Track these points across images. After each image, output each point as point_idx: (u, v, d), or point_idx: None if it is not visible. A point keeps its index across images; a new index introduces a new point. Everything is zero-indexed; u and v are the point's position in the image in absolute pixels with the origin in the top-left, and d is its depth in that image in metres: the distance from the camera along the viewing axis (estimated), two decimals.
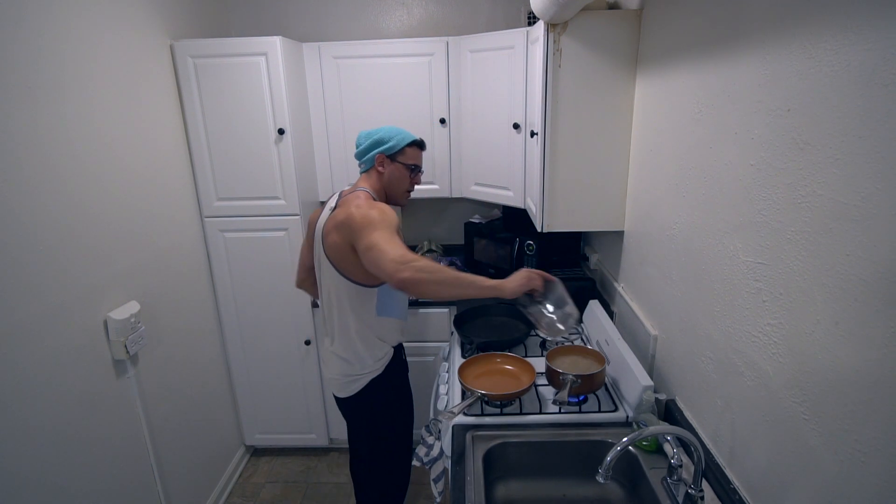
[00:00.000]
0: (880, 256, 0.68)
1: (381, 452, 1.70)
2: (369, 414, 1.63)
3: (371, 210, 1.38)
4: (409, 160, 1.55)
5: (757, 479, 1.00)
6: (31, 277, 1.32)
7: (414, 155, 1.57)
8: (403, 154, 1.54)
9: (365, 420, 1.65)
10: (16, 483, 1.26)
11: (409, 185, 1.59)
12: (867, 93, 0.69)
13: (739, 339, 1.04)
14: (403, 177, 1.56)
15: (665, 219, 1.40)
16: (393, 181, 1.56)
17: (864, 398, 0.72)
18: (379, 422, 1.64)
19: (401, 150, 1.54)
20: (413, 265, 1.24)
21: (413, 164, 1.56)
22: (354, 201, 1.44)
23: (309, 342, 2.32)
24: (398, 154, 1.54)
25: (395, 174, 1.55)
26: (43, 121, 1.37)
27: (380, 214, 1.38)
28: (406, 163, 1.55)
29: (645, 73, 1.54)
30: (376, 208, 1.39)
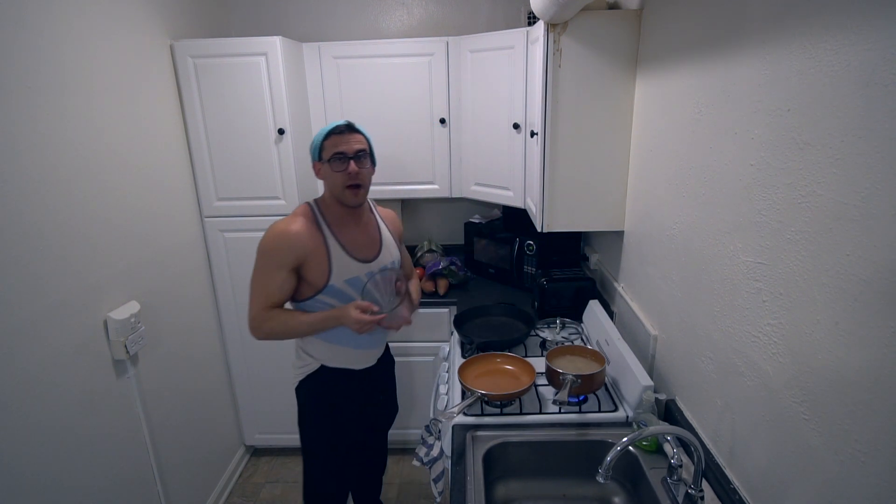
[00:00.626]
0: (880, 256, 0.68)
1: (305, 453, 1.68)
2: (298, 410, 1.64)
3: (269, 234, 1.41)
4: (327, 153, 1.42)
5: (757, 479, 1.00)
6: (32, 277, 1.32)
7: (332, 144, 1.41)
8: (324, 150, 1.43)
9: (298, 413, 1.65)
10: (16, 482, 1.26)
11: (343, 180, 1.41)
12: (867, 93, 0.69)
13: (739, 339, 1.04)
14: (330, 173, 1.42)
15: (665, 219, 1.40)
16: (328, 184, 1.46)
17: (864, 398, 0.72)
18: (303, 423, 1.64)
19: (320, 147, 1.43)
20: (263, 329, 1.45)
21: (333, 154, 1.40)
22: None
23: None
24: (321, 152, 1.44)
25: (326, 175, 1.44)
26: (43, 121, 1.37)
27: (266, 245, 1.40)
28: (326, 158, 1.43)
29: (645, 73, 1.54)
30: (271, 234, 1.40)
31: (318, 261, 1.43)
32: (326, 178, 1.44)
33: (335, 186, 1.43)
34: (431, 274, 2.38)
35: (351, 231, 1.49)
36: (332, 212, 1.48)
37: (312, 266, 1.43)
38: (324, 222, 1.47)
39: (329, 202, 1.48)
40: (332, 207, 1.48)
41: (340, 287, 1.46)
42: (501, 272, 2.41)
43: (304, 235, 1.41)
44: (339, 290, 1.46)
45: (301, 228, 1.42)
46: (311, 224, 1.44)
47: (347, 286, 1.47)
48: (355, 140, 1.43)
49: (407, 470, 2.44)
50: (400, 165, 2.33)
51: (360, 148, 1.43)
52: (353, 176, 1.41)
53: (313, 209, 1.48)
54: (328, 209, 1.48)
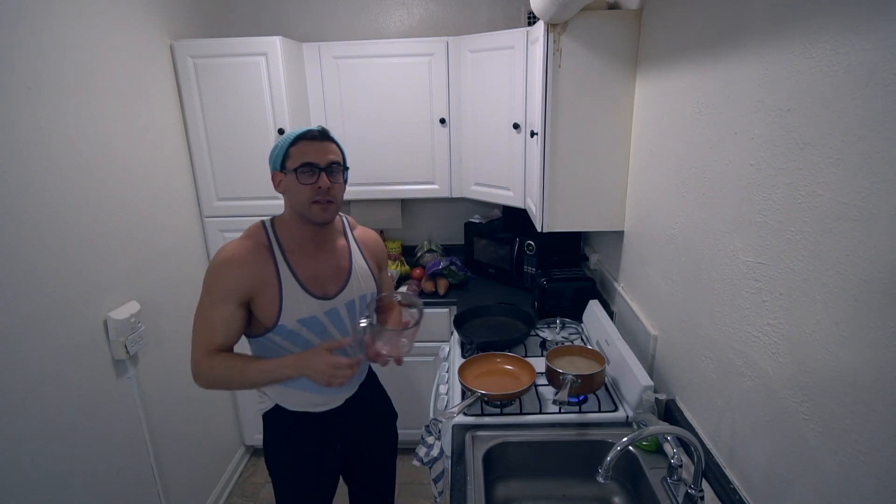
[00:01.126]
0: (880, 256, 0.68)
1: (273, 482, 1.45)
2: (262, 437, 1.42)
3: (214, 260, 1.20)
4: (294, 162, 1.16)
5: (757, 479, 1.00)
6: (31, 277, 1.32)
7: (300, 152, 1.16)
8: (289, 158, 1.17)
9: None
10: (16, 482, 1.26)
11: (310, 195, 1.16)
12: (867, 93, 0.69)
13: (739, 339, 1.04)
14: (296, 186, 1.17)
15: (665, 219, 1.40)
16: (291, 198, 1.21)
17: (864, 398, 0.72)
18: (266, 455, 1.41)
19: (284, 153, 1.17)
20: (206, 377, 1.20)
21: (301, 164, 1.15)
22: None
23: None
24: (285, 160, 1.17)
25: (290, 188, 1.19)
26: (43, 120, 1.37)
27: (209, 274, 1.19)
28: (292, 167, 1.16)
29: (645, 73, 1.54)
30: (215, 262, 1.19)
31: (268, 295, 1.19)
32: (289, 191, 1.19)
33: (300, 202, 1.18)
34: (431, 274, 2.38)
35: (311, 259, 1.25)
36: (291, 234, 1.24)
37: (261, 301, 1.19)
38: (277, 248, 1.22)
39: (289, 222, 1.24)
40: (292, 229, 1.24)
41: (292, 328, 1.22)
42: (501, 272, 2.41)
43: (252, 263, 1.18)
44: (292, 330, 1.23)
45: (247, 255, 1.19)
46: (262, 249, 1.21)
47: (301, 327, 1.23)
48: (329, 150, 1.19)
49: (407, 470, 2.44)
50: (400, 165, 2.33)
51: (334, 159, 1.19)
52: (325, 191, 1.17)
53: (266, 231, 1.24)
54: (285, 231, 1.24)
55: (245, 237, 1.24)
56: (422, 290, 2.37)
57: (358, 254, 1.36)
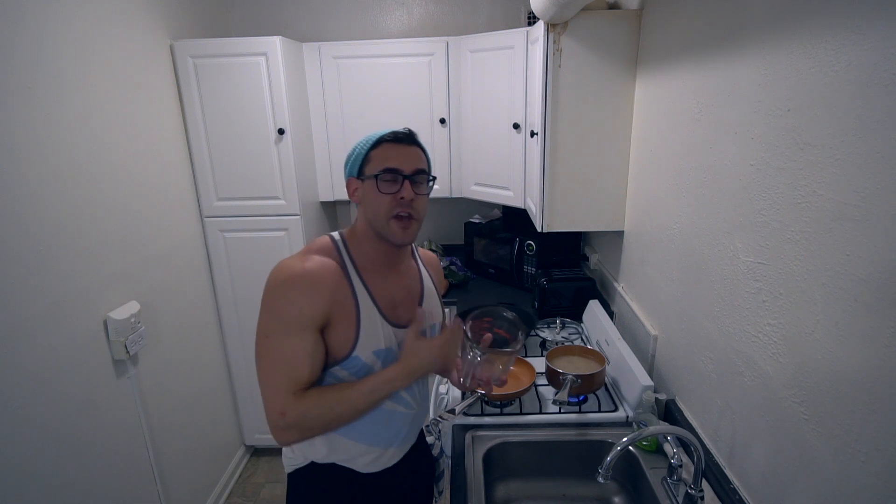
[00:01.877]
0: (880, 256, 0.67)
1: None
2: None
3: (282, 276, 0.94)
4: (375, 166, 0.99)
5: (757, 479, 1.00)
6: (31, 277, 1.32)
7: (382, 155, 0.99)
8: (369, 161, 1.00)
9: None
10: (16, 482, 1.26)
11: (390, 206, 0.98)
12: (867, 93, 0.69)
13: (739, 339, 1.04)
14: (374, 195, 0.98)
15: (665, 219, 1.40)
16: (368, 209, 1.01)
17: (864, 398, 0.72)
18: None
19: (364, 156, 1.01)
20: (300, 426, 0.93)
21: (383, 169, 0.98)
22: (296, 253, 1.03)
23: None
24: (364, 164, 1.01)
25: (367, 197, 1.00)
26: (43, 120, 1.37)
27: (280, 295, 0.93)
28: (371, 173, 0.99)
29: (645, 73, 1.54)
30: (286, 277, 0.94)
31: (344, 321, 0.98)
32: (366, 200, 1.00)
33: (378, 214, 0.99)
34: None
35: (386, 281, 1.06)
36: (364, 252, 1.04)
37: (336, 327, 0.98)
38: (352, 266, 1.02)
39: (362, 237, 1.04)
40: (365, 245, 1.04)
41: (367, 360, 1.01)
42: (501, 272, 2.41)
43: (327, 281, 0.96)
44: (365, 364, 1.01)
45: (325, 270, 0.97)
46: (337, 267, 0.99)
47: (376, 360, 1.02)
48: (416, 156, 1.01)
49: None
50: None
51: (420, 167, 1.00)
52: (407, 203, 0.98)
53: (338, 246, 1.04)
54: (359, 247, 1.04)
55: (311, 251, 1.01)
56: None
57: (427, 277, 1.17)
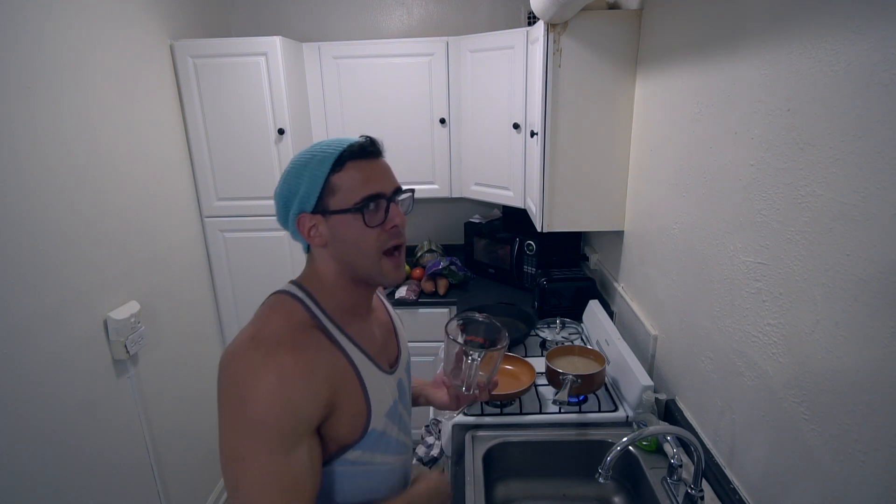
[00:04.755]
0: (880, 256, 0.68)
1: None
2: None
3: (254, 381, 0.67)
4: (349, 196, 0.75)
5: (757, 479, 1.00)
6: (31, 277, 1.32)
7: (354, 179, 0.75)
8: (336, 190, 0.75)
9: None
10: (16, 483, 1.26)
11: (379, 239, 0.77)
12: (867, 93, 0.69)
13: (739, 339, 1.04)
14: (356, 231, 0.76)
15: (665, 219, 1.40)
16: (348, 250, 0.78)
17: (864, 398, 0.72)
18: None
19: (325, 182, 0.74)
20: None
21: (364, 199, 0.75)
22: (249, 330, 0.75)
23: None
24: (329, 195, 0.75)
25: (341, 234, 0.76)
26: (42, 120, 1.37)
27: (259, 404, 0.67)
28: (346, 206, 0.75)
29: (645, 73, 1.54)
30: (263, 382, 0.67)
31: (349, 396, 0.77)
32: (342, 240, 0.77)
33: (365, 254, 0.78)
34: (431, 274, 2.38)
35: (366, 326, 0.86)
36: (339, 302, 0.81)
37: (341, 409, 0.76)
38: (331, 324, 0.79)
39: (333, 286, 0.81)
40: (340, 295, 0.81)
41: (383, 428, 0.82)
42: (501, 272, 2.41)
43: (320, 357, 0.74)
44: (382, 433, 0.82)
45: (309, 346, 0.73)
46: (316, 333, 0.76)
47: (389, 422, 0.84)
48: (389, 171, 0.81)
49: None
50: (400, 165, 2.31)
51: (398, 182, 0.81)
52: (398, 232, 0.79)
53: (305, 304, 0.78)
54: (331, 298, 0.81)
55: (270, 324, 0.74)
56: (422, 290, 2.37)
57: (385, 301, 1.01)
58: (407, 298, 2.27)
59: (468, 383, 0.97)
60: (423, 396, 1.08)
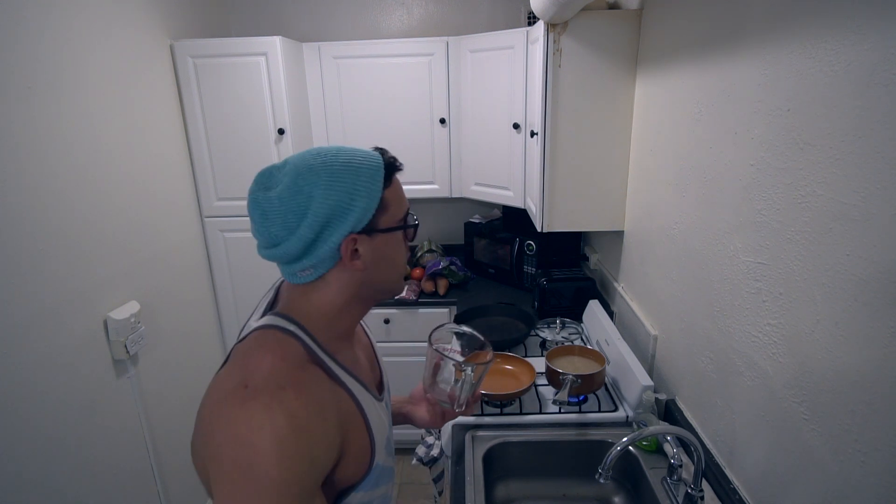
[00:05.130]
0: (880, 256, 0.68)
1: None
2: None
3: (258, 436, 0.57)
4: (395, 213, 0.73)
5: (757, 479, 1.00)
6: (31, 277, 1.32)
7: (398, 195, 0.75)
8: (388, 206, 0.72)
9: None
10: (16, 483, 1.26)
11: (406, 255, 0.78)
12: (867, 93, 0.69)
13: (739, 339, 1.04)
14: (398, 248, 0.75)
15: (665, 219, 1.40)
16: (384, 269, 0.74)
17: (864, 398, 0.72)
18: None
19: (381, 200, 0.70)
20: None
21: (406, 214, 0.76)
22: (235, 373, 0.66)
23: None
24: (384, 211, 0.71)
25: (383, 253, 0.72)
26: (42, 120, 1.37)
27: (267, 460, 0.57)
28: (395, 223, 0.73)
29: (645, 73, 1.54)
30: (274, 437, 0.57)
31: (356, 432, 0.71)
32: (385, 259, 0.73)
33: (398, 272, 0.76)
34: (431, 274, 2.38)
35: (352, 351, 0.80)
36: (336, 329, 0.74)
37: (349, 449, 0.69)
38: (326, 356, 0.71)
39: (343, 310, 0.74)
40: (345, 318, 0.75)
41: (384, 462, 0.77)
42: (501, 272, 2.41)
43: (325, 397, 0.66)
44: (384, 468, 0.78)
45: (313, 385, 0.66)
46: (315, 369, 0.68)
47: (387, 455, 0.80)
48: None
49: (407, 470, 2.44)
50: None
51: None
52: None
53: (300, 338, 0.69)
54: (329, 326, 0.73)
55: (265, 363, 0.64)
56: (422, 290, 2.37)
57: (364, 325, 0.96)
58: (407, 298, 2.27)
59: (461, 400, 0.89)
60: (401, 415, 0.99)
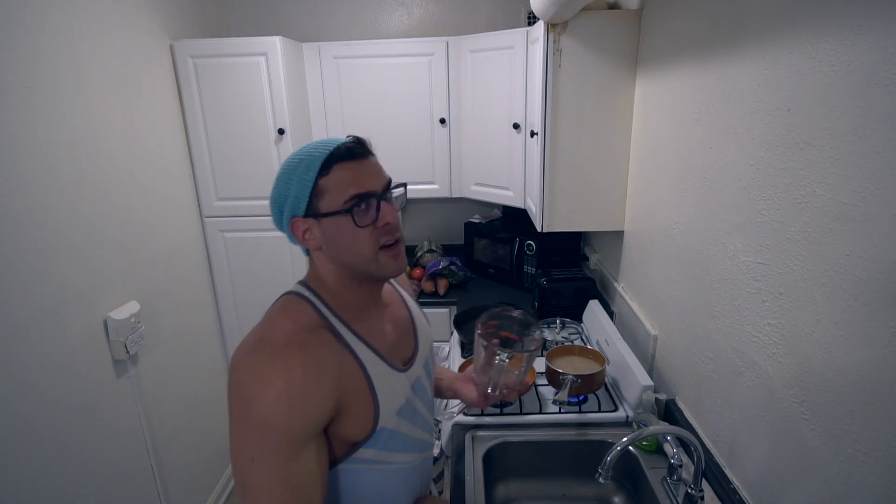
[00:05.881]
0: (880, 256, 0.67)
1: None
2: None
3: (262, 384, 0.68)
4: (336, 198, 0.75)
5: (757, 479, 1.00)
6: (31, 277, 1.32)
7: (342, 180, 0.76)
8: (324, 193, 0.76)
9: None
10: (16, 483, 1.26)
11: (371, 237, 0.77)
12: (867, 93, 0.69)
13: (739, 339, 1.04)
14: (347, 232, 0.77)
15: (665, 219, 1.40)
16: (341, 250, 0.79)
17: (864, 398, 0.72)
18: None
19: (313, 187, 0.75)
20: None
21: (352, 197, 0.75)
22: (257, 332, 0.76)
23: None
24: (317, 198, 0.76)
25: (334, 236, 0.77)
26: (42, 120, 1.37)
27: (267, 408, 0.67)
28: (334, 207, 0.76)
29: (645, 73, 1.54)
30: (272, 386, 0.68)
31: (357, 396, 0.78)
32: (336, 241, 0.78)
33: (359, 254, 0.78)
34: (431, 274, 2.38)
35: (377, 323, 0.86)
36: (346, 301, 0.82)
37: (349, 409, 0.77)
38: (339, 322, 0.80)
39: (336, 287, 0.82)
40: (345, 294, 0.82)
41: (393, 427, 0.83)
42: (501, 272, 2.41)
43: (328, 358, 0.75)
44: (393, 431, 0.83)
45: (315, 347, 0.74)
46: (324, 333, 0.77)
47: (401, 421, 0.84)
48: (377, 167, 0.81)
49: None
50: (400, 165, 2.33)
51: (387, 179, 0.81)
52: (393, 228, 0.80)
53: (313, 303, 0.80)
54: (337, 298, 0.82)
55: (279, 326, 0.75)
56: (422, 290, 2.37)
57: (406, 296, 1.00)
58: None
59: (495, 383, 0.98)
60: (451, 390, 1.10)
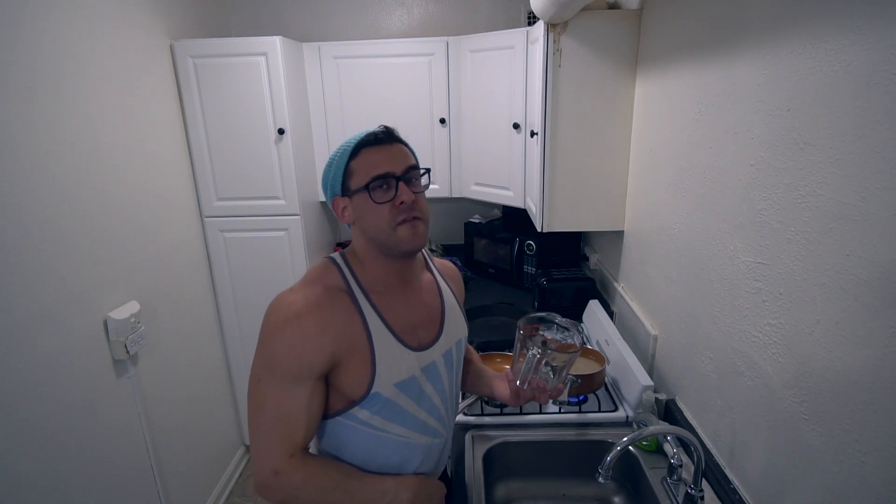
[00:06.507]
0: (880, 256, 0.68)
1: None
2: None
3: (275, 319, 0.85)
4: (360, 178, 0.88)
5: (757, 479, 1.00)
6: (31, 277, 1.32)
7: (366, 164, 0.89)
8: (352, 174, 0.89)
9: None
10: (16, 483, 1.26)
11: (392, 215, 0.88)
12: (867, 93, 0.69)
13: (739, 339, 1.04)
14: (369, 208, 0.88)
15: (665, 219, 1.40)
16: (366, 225, 0.91)
17: (864, 398, 0.72)
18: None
19: (345, 171, 0.90)
20: (289, 492, 0.85)
21: (372, 178, 0.87)
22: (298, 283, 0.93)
23: None
24: (347, 178, 0.90)
25: (363, 212, 0.90)
26: (42, 120, 1.37)
27: (273, 338, 0.85)
28: (359, 186, 0.88)
29: (645, 73, 1.54)
30: (281, 322, 0.85)
31: (356, 357, 0.88)
32: (361, 217, 0.90)
33: (379, 228, 0.88)
34: None
35: (400, 301, 0.95)
36: (372, 273, 0.93)
37: (347, 367, 0.88)
38: (360, 290, 0.91)
39: (365, 259, 0.94)
40: (371, 267, 0.94)
41: (389, 395, 0.91)
42: (501, 272, 2.41)
43: (332, 317, 0.87)
44: (388, 399, 0.91)
45: (324, 306, 0.87)
46: (339, 295, 0.90)
47: (399, 393, 0.92)
48: (401, 153, 0.92)
49: None
50: None
51: (409, 164, 0.91)
52: (408, 207, 0.88)
53: (342, 270, 0.93)
54: (365, 269, 0.94)
55: (309, 282, 0.91)
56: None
57: (447, 290, 1.06)
58: None
59: (523, 377, 1.03)
60: (488, 386, 1.15)
